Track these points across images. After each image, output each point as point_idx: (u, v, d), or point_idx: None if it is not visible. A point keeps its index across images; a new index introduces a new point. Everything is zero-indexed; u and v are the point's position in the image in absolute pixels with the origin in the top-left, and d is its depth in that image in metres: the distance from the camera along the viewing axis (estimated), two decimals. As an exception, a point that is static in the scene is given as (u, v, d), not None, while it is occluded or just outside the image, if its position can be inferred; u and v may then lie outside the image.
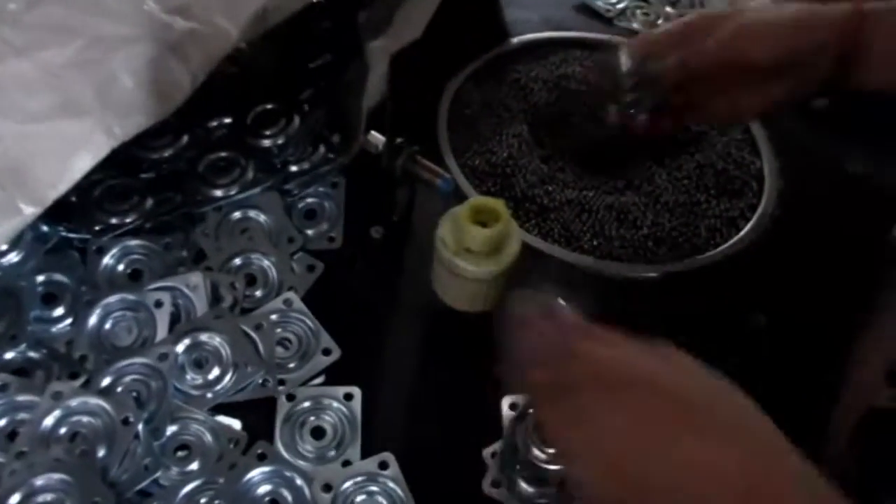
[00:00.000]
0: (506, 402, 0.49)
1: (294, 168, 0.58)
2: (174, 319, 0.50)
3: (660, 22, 0.76)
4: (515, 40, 0.73)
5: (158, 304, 0.50)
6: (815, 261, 0.61)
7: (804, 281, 0.60)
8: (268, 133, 0.58)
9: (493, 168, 0.64)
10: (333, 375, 0.51)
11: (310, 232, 0.57)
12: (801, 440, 0.53)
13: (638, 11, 0.76)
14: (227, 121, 0.58)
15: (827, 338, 0.57)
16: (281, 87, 0.61)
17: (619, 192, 0.64)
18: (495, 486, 0.47)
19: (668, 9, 0.77)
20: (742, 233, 0.62)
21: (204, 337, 0.49)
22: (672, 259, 0.60)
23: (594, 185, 0.64)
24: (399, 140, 0.53)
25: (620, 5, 0.77)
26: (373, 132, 0.54)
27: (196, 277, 0.51)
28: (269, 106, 0.59)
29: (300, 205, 0.58)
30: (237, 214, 0.56)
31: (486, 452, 0.48)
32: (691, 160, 0.65)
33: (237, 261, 0.53)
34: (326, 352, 0.51)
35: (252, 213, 0.56)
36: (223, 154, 0.57)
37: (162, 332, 0.49)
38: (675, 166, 0.65)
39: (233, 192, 0.56)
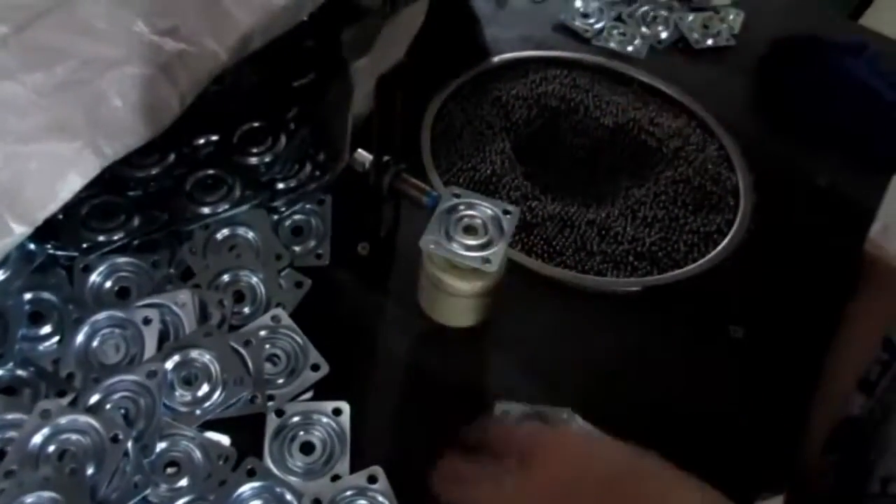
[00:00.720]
0: (498, 409, 0.50)
1: (281, 185, 0.59)
2: (162, 337, 0.50)
3: (636, 42, 0.78)
4: (496, 59, 0.75)
5: (147, 321, 0.50)
6: (790, 273, 0.63)
7: (780, 293, 0.62)
8: (255, 151, 0.59)
9: (477, 185, 0.65)
10: (322, 391, 0.51)
11: (297, 248, 0.57)
12: (778, 449, 0.55)
13: (615, 31, 0.78)
14: (214, 139, 0.59)
15: (802, 348, 0.59)
16: (267, 106, 0.61)
17: (600, 208, 0.65)
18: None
19: (644, 29, 0.79)
20: (719, 247, 0.64)
21: (193, 354, 0.49)
22: (652, 273, 0.61)
23: (576, 201, 0.65)
24: (386, 158, 0.53)
25: (598, 25, 0.78)
26: (359, 150, 0.55)
27: (185, 295, 0.51)
28: (255, 124, 0.60)
29: (287, 222, 0.58)
30: (225, 232, 0.56)
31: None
32: (669, 176, 0.67)
33: (225, 278, 0.54)
34: (315, 367, 0.52)
35: (240, 231, 0.56)
36: (210, 172, 0.57)
37: (150, 349, 0.50)
38: (653, 182, 0.67)
39: (220, 210, 0.56)
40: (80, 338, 0.50)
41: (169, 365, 0.49)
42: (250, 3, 0.51)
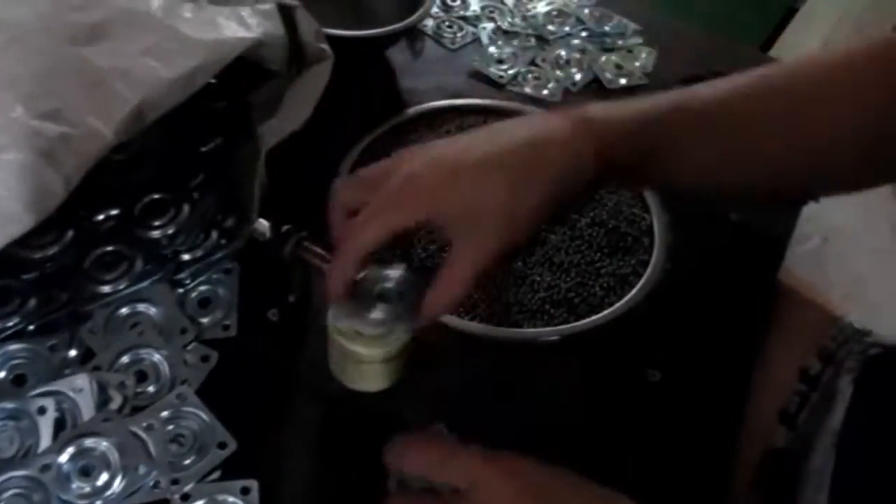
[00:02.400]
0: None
1: (186, 257, 0.58)
2: (59, 426, 0.49)
3: (550, 86, 0.79)
4: (411, 110, 0.75)
5: (41, 410, 0.49)
6: (708, 310, 0.64)
7: (698, 331, 0.62)
8: (157, 223, 0.58)
9: (393, 240, 0.64)
10: (231, 469, 0.50)
11: (204, 321, 0.56)
12: (705, 487, 0.55)
13: (529, 76, 0.79)
14: (115, 212, 0.58)
15: (722, 385, 0.60)
16: (170, 174, 0.60)
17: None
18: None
19: (558, 72, 0.80)
20: (635, 289, 0.64)
21: (90, 442, 0.48)
22: (569, 320, 0.61)
23: (492, 251, 0.65)
24: (285, 227, 0.53)
25: (511, 71, 0.79)
26: (260, 220, 0.54)
27: (81, 380, 0.50)
28: (157, 195, 0.59)
29: (193, 294, 0.57)
30: (125, 310, 0.55)
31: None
32: (584, 220, 0.68)
33: (125, 358, 0.52)
34: (222, 445, 0.50)
35: (141, 307, 0.55)
36: (110, 248, 0.56)
37: (46, 440, 0.48)
38: (568, 227, 0.67)
39: (121, 287, 0.55)
40: (-30, 433, 0.48)
41: (64, 456, 0.47)
42: (136, 79, 0.50)
